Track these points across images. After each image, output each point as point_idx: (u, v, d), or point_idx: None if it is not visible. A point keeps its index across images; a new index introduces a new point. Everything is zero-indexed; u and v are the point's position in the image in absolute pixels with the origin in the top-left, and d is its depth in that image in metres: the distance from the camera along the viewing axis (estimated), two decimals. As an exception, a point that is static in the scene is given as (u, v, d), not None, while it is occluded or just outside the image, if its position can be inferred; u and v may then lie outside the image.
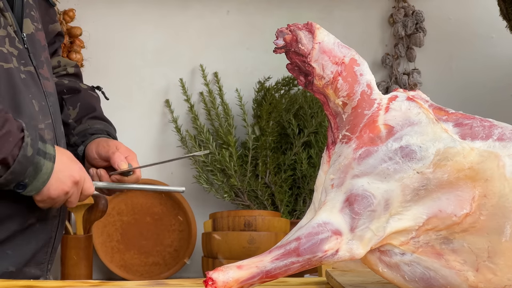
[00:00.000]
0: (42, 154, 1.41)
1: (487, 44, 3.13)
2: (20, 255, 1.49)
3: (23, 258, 1.49)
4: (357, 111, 1.01)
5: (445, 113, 1.02)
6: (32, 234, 1.50)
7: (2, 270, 1.46)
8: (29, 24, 1.54)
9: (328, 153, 1.04)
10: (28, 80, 1.49)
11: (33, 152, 1.39)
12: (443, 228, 0.98)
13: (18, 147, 1.38)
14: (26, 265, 1.50)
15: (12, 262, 1.48)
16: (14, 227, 1.47)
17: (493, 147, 0.99)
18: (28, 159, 1.39)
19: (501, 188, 0.97)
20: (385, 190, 0.97)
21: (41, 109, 1.50)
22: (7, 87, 1.45)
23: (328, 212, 0.97)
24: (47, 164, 1.41)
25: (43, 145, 1.41)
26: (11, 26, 1.48)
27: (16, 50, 1.48)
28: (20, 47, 1.48)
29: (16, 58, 1.47)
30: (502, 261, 0.98)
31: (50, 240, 1.54)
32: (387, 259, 1.00)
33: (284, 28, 1.02)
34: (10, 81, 1.45)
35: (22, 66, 1.48)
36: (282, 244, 0.96)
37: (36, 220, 1.50)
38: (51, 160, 1.42)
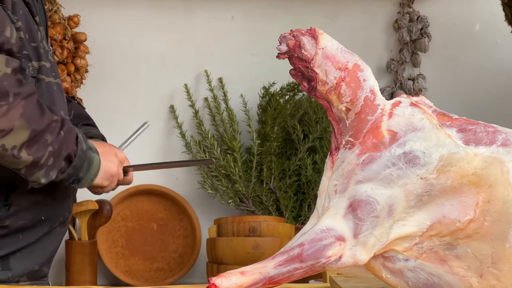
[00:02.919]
0: (91, 148, 1.55)
1: (492, 49, 3.13)
2: (44, 255, 1.61)
3: (45, 258, 1.61)
4: (361, 116, 1.00)
5: (448, 119, 1.01)
6: (55, 237, 1.63)
7: (29, 269, 1.57)
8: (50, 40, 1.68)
9: (331, 159, 1.04)
10: (58, 92, 1.59)
11: (86, 146, 1.53)
12: (447, 234, 0.98)
13: (75, 143, 1.50)
14: (44, 264, 1.61)
15: (37, 261, 1.59)
16: (43, 231, 1.59)
17: (497, 152, 0.98)
18: (84, 153, 1.53)
19: (505, 194, 0.97)
20: (389, 196, 0.97)
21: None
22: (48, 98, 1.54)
23: (331, 218, 0.96)
24: (96, 156, 1.56)
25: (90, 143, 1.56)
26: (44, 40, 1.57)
27: (49, 63, 1.56)
28: (51, 60, 1.58)
29: (48, 70, 1.56)
30: (506, 267, 0.97)
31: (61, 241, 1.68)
32: (391, 265, 1.00)
33: (287, 34, 1.02)
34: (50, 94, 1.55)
35: (52, 78, 1.57)
36: (285, 250, 0.96)
37: (59, 224, 1.62)
38: (97, 153, 1.57)
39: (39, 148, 1.44)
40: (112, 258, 2.89)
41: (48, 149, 1.45)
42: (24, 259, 1.57)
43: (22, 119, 1.40)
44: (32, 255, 1.58)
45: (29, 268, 1.57)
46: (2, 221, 1.52)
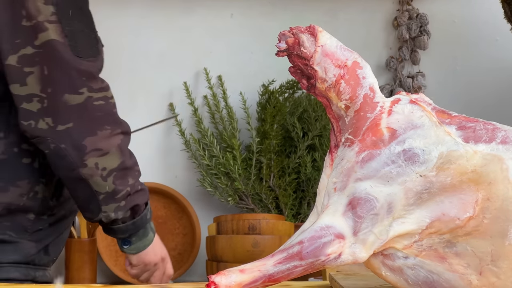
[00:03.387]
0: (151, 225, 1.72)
1: (491, 47, 3.13)
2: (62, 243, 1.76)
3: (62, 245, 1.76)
4: (360, 114, 1.00)
5: (448, 116, 1.01)
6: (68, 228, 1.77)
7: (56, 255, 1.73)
8: None
9: (330, 157, 1.04)
10: None
11: (149, 218, 1.69)
12: (447, 231, 0.98)
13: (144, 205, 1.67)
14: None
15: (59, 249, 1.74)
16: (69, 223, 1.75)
17: (497, 150, 0.98)
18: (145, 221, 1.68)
19: (505, 191, 0.97)
20: (388, 194, 0.97)
21: None
22: None
23: (330, 215, 0.96)
24: (151, 234, 1.73)
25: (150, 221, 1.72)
26: None
27: None
28: None
29: None
30: (506, 265, 0.97)
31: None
32: (390, 262, 1.00)
33: (287, 31, 1.02)
34: None
35: None
36: (284, 247, 0.96)
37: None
38: (154, 232, 1.74)
39: (123, 182, 1.60)
40: (112, 256, 2.89)
41: (127, 189, 1.61)
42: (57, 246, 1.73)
43: (118, 149, 1.59)
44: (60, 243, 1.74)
45: (56, 255, 1.73)
46: (52, 209, 1.68)
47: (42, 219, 1.67)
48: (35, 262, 1.67)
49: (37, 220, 1.66)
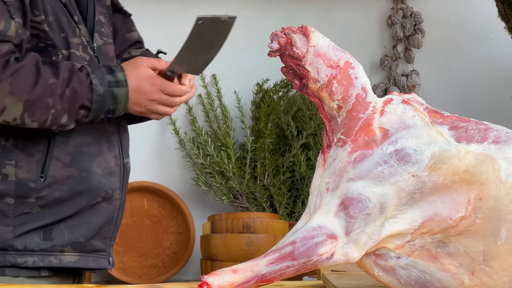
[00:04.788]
0: (114, 84, 1.64)
1: (485, 45, 3.13)
2: (88, 228, 1.70)
3: (91, 231, 1.71)
4: (352, 114, 1.00)
5: (440, 116, 1.01)
6: (98, 212, 1.72)
7: (72, 240, 1.68)
8: (98, 38, 1.78)
9: (323, 157, 1.04)
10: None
11: (104, 88, 1.63)
12: (439, 231, 0.98)
13: (90, 90, 1.62)
14: (93, 238, 1.72)
15: (82, 234, 1.69)
16: (83, 203, 1.68)
17: (489, 150, 0.98)
18: (102, 95, 1.62)
19: (497, 191, 0.97)
20: (380, 194, 0.97)
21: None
22: None
23: (323, 215, 0.96)
24: (121, 90, 1.65)
25: (113, 76, 1.65)
26: (84, 37, 1.72)
27: (88, 56, 1.71)
28: (91, 54, 1.72)
29: (87, 63, 1.70)
30: (498, 264, 0.98)
31: (112, 218, 1.75)
32: (383, 262, 1.00)
33: (279, 32, 1.02)
34: None
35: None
36: (277, 248, 0.96)
37: (102, 200, 1.71)
38: (123, 85, 1.65)
39: (42, 113, 1.58)
40: None
41: (51, 111, 1.59)
42: (68, 230, 1.68)
43: (11, 96, 1.55)
44: (76, 227, 1.69)
45: (72, 239, 1.68)
46: (38, 192, 1.64)
47: (28, 203, 1.64)
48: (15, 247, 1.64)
49: (19, 204, 1.64)
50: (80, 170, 1.68)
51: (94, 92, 1.63)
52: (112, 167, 1.74)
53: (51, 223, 1.67)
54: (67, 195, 1.67)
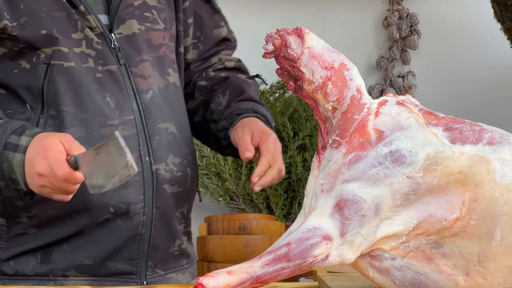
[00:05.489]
0: (12, 148, 1.39)
1: (481, 46, 3.14)
2: (97, 249, 1.51)
3: (102, 252, 1.51)
4: (347, 115, 1.00)
5: (435, 118, 1.02)
6: (111, 230, 1.51)
7: (75, 263, 1.50)
8: (133, 25, 1.58)
9: (318, 158, 1.04)
10: (105, 79, 1.53)
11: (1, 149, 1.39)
12: (433, 232, 0.98)
13: None
14: (109, 259, 1.51)
15: (88, 255, 1.50)
16: (85, 221, 1.49)
17: (483, 151, 0.99)
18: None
19: (491, 192, 0.97)
20: (375, 195, 0.97)
21: (119, 106, 1.52)
22: (68, 85, 1.50)
23: (318, 217, 0.97)
24: (16, 156, 1.39)
25: (17, 138, 1.40)
26: (94, 29, 1.54)
27: (93, 51, 1.53)
28: (98, 48, 1.53)
29: (93, 58, 1.53)
30: (492, 265, 0.98)
31: (138, 236, 1.52)
32: (378, 263, 1.00)
33: (274, 33, 1.02)
34: (72, 79, 1.51)
35: (100, 66, 1.53)
36: (272, 249, 0.96)
37: (114, 216, 1.50)
38: (20, 152, 1.39)
39: None
40: None
41: None
42: (71, 251, 1.50)
43: None
44: (80, 248, 1.50)
45: (76, 262, 1.49)
46: (28, 211, 1.49)
47: (20, 223, 1.49)
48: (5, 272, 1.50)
49: (12, 224, 1.50)
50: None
51: None
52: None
53: (49, 244, 1.49)
54: (63, 213, 1.48)
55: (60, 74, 1.50)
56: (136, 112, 1.54)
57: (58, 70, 1.50)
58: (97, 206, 1.48)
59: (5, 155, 1.39)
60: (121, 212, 1.50)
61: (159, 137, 1.55)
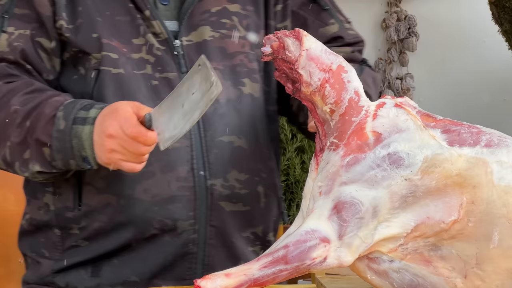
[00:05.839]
0: (81, 122, 1.34)
1: (479, 48, 3.14)
2: (145, 265, 1.43)
3: (149, 269, 1.43)
4: (345, 118, 1.00)
5: (433, 120, 1.02)
6: (159, 246, 1.42)
7: (122, 278, 1.43)
8: (205, 32, 1.49)
9: (316, 160, 1.04)
10: (161, 86, 1.44)
11: (67, 123, 1.34)
12: (431, 235, 0.98)
13: (51, 124, 1.35)
14: (157, 277, 1.43)
15: (135, 271, 1.43)
16: (130, 236, 1.42)
17: (481, 153, 0.99)
18: (62, 132, 1.34)
19: (489, 195, 0.97)
20: (373, 197, 0.97)
21: None
22: (115, 92, 1.43)
23: (316, 219, 0.96)
24: (86, 128, 1.34)
25: (85, 113, 1.35)
26: (158, 34, 1.46)
27: (153, 57, 1.45)
28: (158, 54, 1.46)
29: (151, 65, 1.45)
30: (491, 268, 0.98)
31: (187, 255, 1.43)
32: (376, 266, 1.00)
33: (272, 35, 1.02)
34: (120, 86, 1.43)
35: (158, 73, 1.45)
36: (270, 252, 0.96)
37: (162, 232, 1.42)
38: (89, 123, 1.34)
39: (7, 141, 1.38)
40: None
41: (7, 144, 1.38)
42: (119, 266, 1.44)
43: None
44: (128, 263, 1.43)
45: (122, 278, 1.43)
46: (78, 222, 1.44)
47: (73, 235, 1.44)
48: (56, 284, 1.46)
49: (66, 236, 1.45)
50: (117, 196, 1.40)
51: (55, 126, 1.35)
52: (171, 191, 1.40)
53: (99, 257, 1.44)
54: (108, 226, 1.42)
55: (107, 81, 1.43)
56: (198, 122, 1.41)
57: (106, 77, 1.43)
58: (141, 220, 1.41)
59: (74, 130, 1.34)
60: (168, 228, 1.41)
61: (218, 151, 1.44)
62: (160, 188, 1.40)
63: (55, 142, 1.35)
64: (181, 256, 1.42)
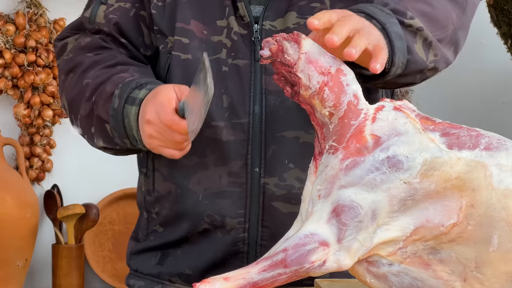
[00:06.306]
0: (131, 102, 1.30)
1: (477, 49, 3.14)
2: (200, 259, 1.39)
3: (201, 262, 1.39)
4: (344, 121, 1.00)
5: (432, 123, 1.02)
6: (212, 241, 1.37)
7: (179, 270, 1.40)
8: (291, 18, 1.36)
9: (315, 164, 1.04)
10: (229, 74, 1.37)
11: (120, 102, 1.31)
12: (431, 238, 0.98)
13: (109, 102, 1.33)
14: (207, 272, 1.37)
15: (190, 264, 1.39)
16: (186, 227, 1.38)
17: (480, 156, 0.99)
18: (116, 110, 1.31)
19: (488, 198, 0.97)
20: (372, 201, 0.97)
21: (232, 106, 1.36)
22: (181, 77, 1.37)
23: (315, 223, 0.96)
24: (133, 109, 1.30)
25: (137, 92, 1.31)
26: (243, 17, 1.37)
27: (230, 42, 1.37)
28: (234, 39, 1.37)
29: (227, 49, 1.37)
30: (490, 271, 0.98)
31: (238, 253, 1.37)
32: (375, 269, 1.00)
33: (270, 39, 1.02)
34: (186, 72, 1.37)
35: (231, 58, 1.37)
36: (269, 255, 0.96)
37: (213, 227, 1.37)
38: (136, 104, 1.30)
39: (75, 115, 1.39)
40: (99, 261, 2.88)
41: (78, 116, 1.38)
42: (181, 258, 1.40)
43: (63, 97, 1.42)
44: (187, 255, 1.39)
45: (179, 269, 1.39)
46: (153, 207, 1.42)
47: (153, 219, 1.43)
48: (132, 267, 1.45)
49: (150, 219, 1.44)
50: (176, 186, 1.37)
51: (112, 104, 1.33)
52: (222, 186, 1.35)
53: (166, 245, 1.41)
54: (171, 214, 1.39)
55: (175, 67, 1.38)
56: (257, 115, 1.35)
57: (175, 62, 1.38)
58: (193, 213, 1.37)
59: (126, 110, 1.31)
60: (218, 224, 1.36)
61: (278, 147, 1.35)
62: (212, 182, 1.35)
63: (112, 120, 1.32)
64: (232, 254, 1.37)
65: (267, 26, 1.37)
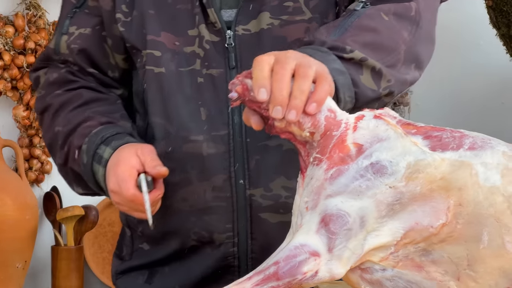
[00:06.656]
0: (98, 160, 1.30)
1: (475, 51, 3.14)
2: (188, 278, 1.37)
3: (190, 279, 1.36)
4: (326, 134, 1.02)
5: (413, 127, 1.03)
6: (200, 258, 1.35)
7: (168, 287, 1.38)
8: (264, 19, 1.32)
9: (302, 177, 1.05)
10: (205, 85, 1.33)
11: (88, 159, 1.31)
12: (421, 240, 0.99)
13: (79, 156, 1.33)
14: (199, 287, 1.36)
15: (179, 281, 1.37)
16: (175, 245, 1.37)
17: (465, 156, 0.99)
18: (85, 166, 1.31)
19: (475, 196, 0.98)
20: (359, 208, 0.98)
21: (210, 118, 1.32)
22: (155, 92, 1.35)
23: (304, 234, 0.97)
24: (100, 170, 1.30)
25: (104, 149, 1.30)
26: (214, 24, 1.33)
27: (202, 51, 1.33)
28: (207, 48, 1.33)
29: (201, 59, 1.34)
30: (482, 268, 0.98)
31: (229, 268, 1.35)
32: (369, 276, 1.01)
33: (235, 80, 1.02)
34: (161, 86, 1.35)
35: (205, 68, 1.34)
36: (261, 269, 0.97)
37: (201, 243, 1.35)
38: (102, 165, 1.29)
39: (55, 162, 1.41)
40: (99, 263, 2.88)
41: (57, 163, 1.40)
42: (169, 275, 1.38)
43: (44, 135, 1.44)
44: (176, 272, 1.37)
45: (168, 287, 1.38)
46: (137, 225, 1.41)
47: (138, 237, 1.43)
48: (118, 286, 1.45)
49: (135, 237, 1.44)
50: (162, 203, 1.31)
51: (81, 159, 1.33)
52: (207, 201, 1.32)
53: (154, 263, 1.39)
54: (157, 233, 1.36)
55: (150, 81, 1.35)
56: (237, 125, 1.31)
57: (149, 76, 1.35)
58: (181, 230, 1.34)
59: (94, 167, 1.31)
60: (206, 240, 1.34)
61: (261, 157, 1.31)
62: (196, 198, 1.32)
63: (84, 175, 1.33)
64: (223, 268, 1.35)
65: (240, 31, 1.33)
